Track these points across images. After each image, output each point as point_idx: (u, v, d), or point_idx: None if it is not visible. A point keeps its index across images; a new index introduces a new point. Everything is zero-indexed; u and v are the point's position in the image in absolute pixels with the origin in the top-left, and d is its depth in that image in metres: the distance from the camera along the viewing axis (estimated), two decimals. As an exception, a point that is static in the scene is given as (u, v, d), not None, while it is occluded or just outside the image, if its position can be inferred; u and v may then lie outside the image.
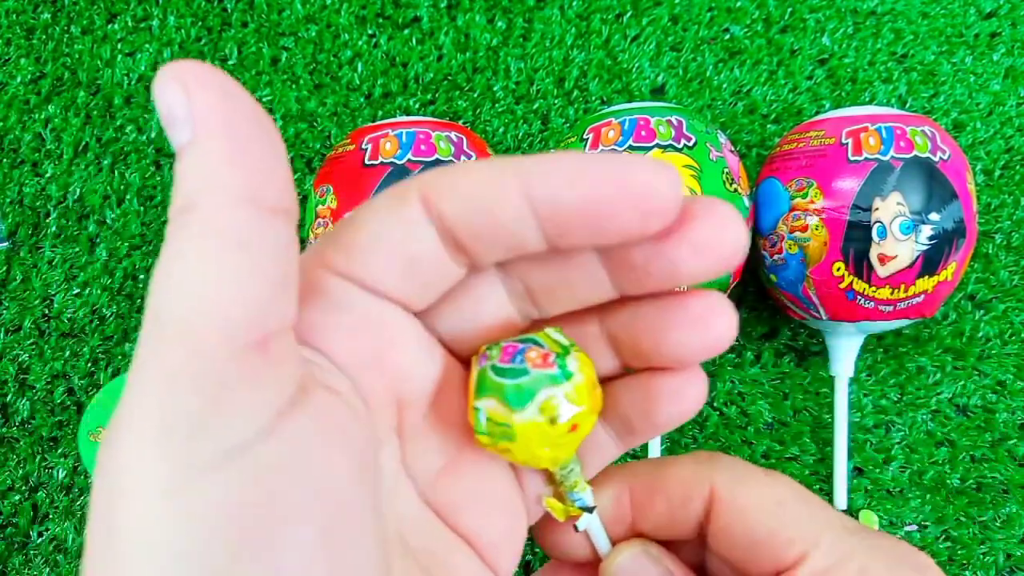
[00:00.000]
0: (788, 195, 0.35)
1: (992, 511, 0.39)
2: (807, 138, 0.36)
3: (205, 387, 0.12)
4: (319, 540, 0.13)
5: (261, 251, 0.13)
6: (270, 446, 0.13)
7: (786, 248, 0.35)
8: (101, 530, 0.12)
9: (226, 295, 0.12)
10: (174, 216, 0.13)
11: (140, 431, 0.12)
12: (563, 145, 0.36)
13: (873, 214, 0.33)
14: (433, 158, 0.33)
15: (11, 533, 0.37)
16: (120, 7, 0.45)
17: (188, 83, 0.13)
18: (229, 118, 0.13)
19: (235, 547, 0.12)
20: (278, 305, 0.13)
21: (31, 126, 0.43)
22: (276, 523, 0.12)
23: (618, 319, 0.18)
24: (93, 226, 0.41)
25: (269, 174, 0.13)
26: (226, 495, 0.12)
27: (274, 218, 0.13)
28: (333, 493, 0.13)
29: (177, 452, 0.12)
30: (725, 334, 0.17)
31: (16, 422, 0.39)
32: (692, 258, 0.15)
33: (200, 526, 0.12)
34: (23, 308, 0.40)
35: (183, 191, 0.13)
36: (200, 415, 0.12)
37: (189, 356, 0.12)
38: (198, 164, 0.13)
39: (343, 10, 0.44)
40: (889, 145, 0.33)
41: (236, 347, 0.12)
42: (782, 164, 0.36)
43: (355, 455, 0.14)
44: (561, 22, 0.44)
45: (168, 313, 0.12)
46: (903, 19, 0.44)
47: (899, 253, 0.33)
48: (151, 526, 0.12)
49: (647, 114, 0.34)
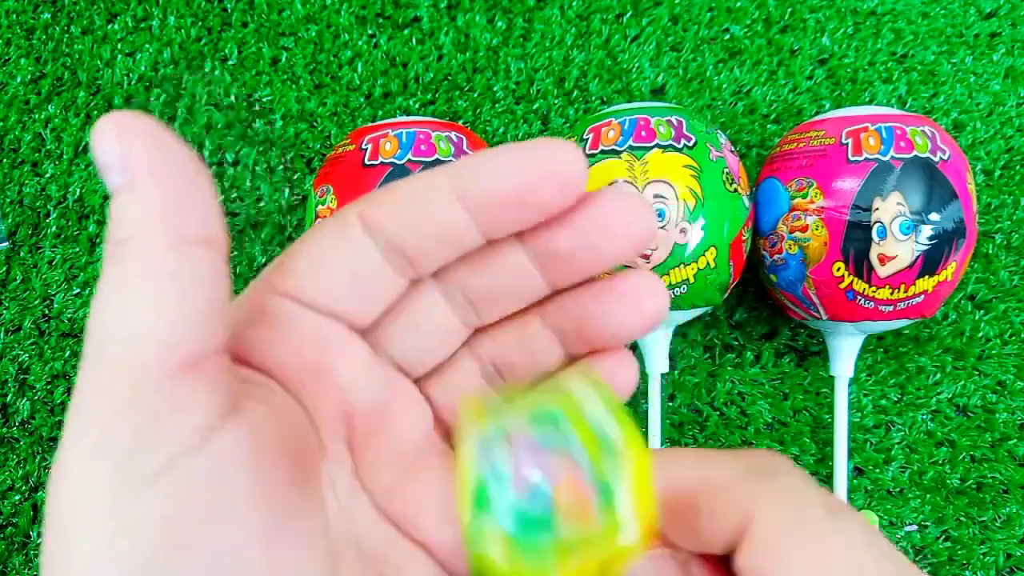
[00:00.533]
0: (788, 195, 0.35)
1: (992, 511, 0.39)
2: (807, 138, 0.36)
3: (141, 407, 0.13)
4: (253, 542, 0.14)
5: (189, 280, 0.14)
6: (202, 459, 0.14)
7: (786, 248, 0.35)
8: (54, 540, 0.14)
9: (158, 321, 0.14)
10: (111, 248, 0.14)
11: (84, 449, 0.13)
12: None
13: (873, 214, 0.33)
14: (433, 158, 0.33)
15: (11, 533, 0.37)
16: (120, 7, 0.45)
17: (124, 132, 0.14)
18: (158, 164, 0.14)
19: (174, 552, 0.13)
20: (208, 328, 0.14)
21: (31, 126, 0.43)
22: (211, 528, 0.14)
23: (559, 311, 0.19)
24: (93, 226, 0.41)
25: (194, 211, 0.14)
26: (164, 505, 0.13)
27: (200, 249, 0.14)
28: (267, 499, 0.15)
29: (118, 468, 0.13)
30: (658, 308, 0.18)
31: (16, 422, 0.39)
32: (608, 241, 0.17)
33: (142, 534, 0.13)
34: (23, 308, 0.40)
35: (118, 227, 0.14)
36: (137, 433, 0.13)
37: (125, 378, 0.13)
38: (130, 205, 0.14)
39: (343, 10, 0.44)
40: (889, 145, 0.33)
41: (169, 368, 0.14)
42: (782, 164, 0.36)
43: (291, 464, 0.16)
44: (561, 22, 0.44)
45: (107, 337, 0.14)
46: (903, 19, 0.44)
47: (899, 253, 0.33)
48: (97, 536, 0.13)
49: (647, 114, 0.34)
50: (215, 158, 0.43)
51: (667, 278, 0.33)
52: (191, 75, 0.44)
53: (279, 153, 0.43)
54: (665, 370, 0.37)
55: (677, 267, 0.33)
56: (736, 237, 0.34)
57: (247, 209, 0.42)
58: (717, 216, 0.33)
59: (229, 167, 0.42)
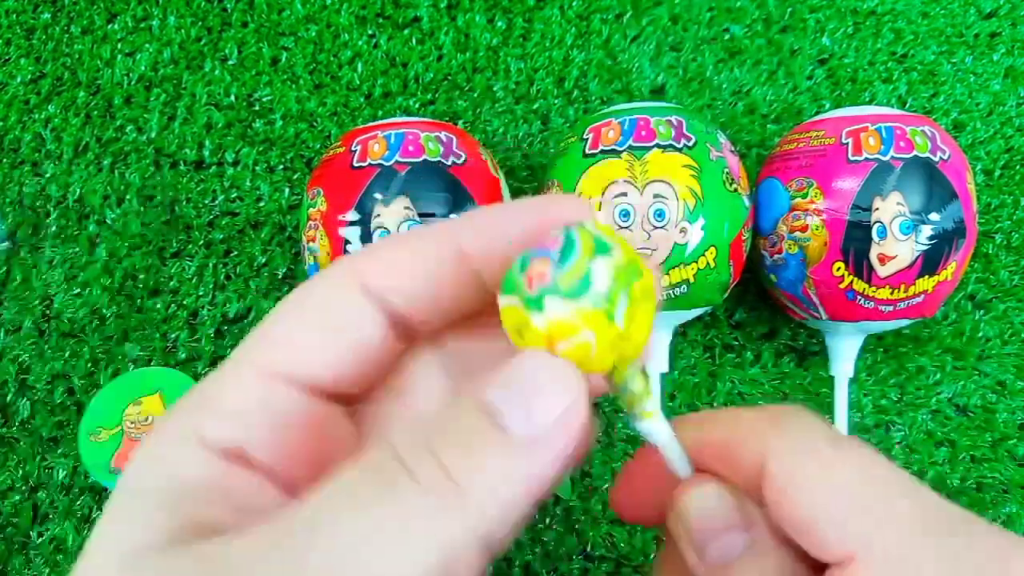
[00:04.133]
0: (788, 195, 0.35)
1: (992, 511, 0.39)
2: (807, 138, 0.36)
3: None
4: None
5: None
6: None
7: (786, 248, 0.35)
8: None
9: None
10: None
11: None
12: (563, 145, 0.36)
13: (873, 214, 0.33)
14: (421, 159, 0.33)
15: (11, 533, 0.37)
16: (120, 7, 0.45)
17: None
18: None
19: None
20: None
21: (31, 126, 0.43)
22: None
23: None
24: (93, 226, 0.41)
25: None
26: None
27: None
28: None
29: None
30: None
31: (16, 422, 0.39)
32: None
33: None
34: (23, 308, 0.40)
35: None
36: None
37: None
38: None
39: (343, 10, 0.44)
40: (889, 145, 0.33)
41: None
42: (782, 164, 0.36)
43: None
44: (561, 22, 0.44)
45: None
46: (903, 19, 0.44)
47: (899, 253, 0.33)
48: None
49: (647, 114, 0.34)
50: (215, 158, 0.43)
51: (667, 278, 0.33)
52: (191, 75, 0.44)
53: (279, 153, 0.43)
54: (665, 370, 0.37)
55: (677, 267, 0.33)
56: (736, 237, 0.34)
57: (247, 209, 0.42)
58: (717, 216, 0.33)
59: (229, 167, 0.42)
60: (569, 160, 0.35)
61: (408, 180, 0.33)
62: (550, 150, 0.43)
